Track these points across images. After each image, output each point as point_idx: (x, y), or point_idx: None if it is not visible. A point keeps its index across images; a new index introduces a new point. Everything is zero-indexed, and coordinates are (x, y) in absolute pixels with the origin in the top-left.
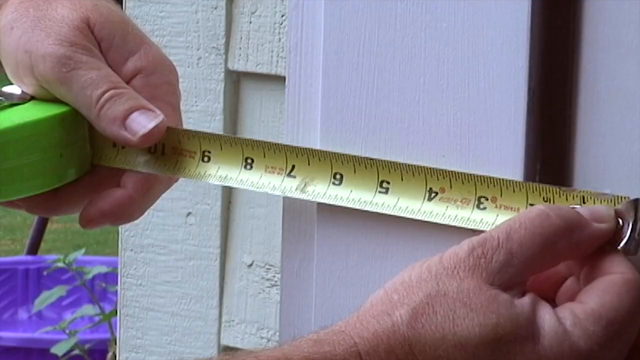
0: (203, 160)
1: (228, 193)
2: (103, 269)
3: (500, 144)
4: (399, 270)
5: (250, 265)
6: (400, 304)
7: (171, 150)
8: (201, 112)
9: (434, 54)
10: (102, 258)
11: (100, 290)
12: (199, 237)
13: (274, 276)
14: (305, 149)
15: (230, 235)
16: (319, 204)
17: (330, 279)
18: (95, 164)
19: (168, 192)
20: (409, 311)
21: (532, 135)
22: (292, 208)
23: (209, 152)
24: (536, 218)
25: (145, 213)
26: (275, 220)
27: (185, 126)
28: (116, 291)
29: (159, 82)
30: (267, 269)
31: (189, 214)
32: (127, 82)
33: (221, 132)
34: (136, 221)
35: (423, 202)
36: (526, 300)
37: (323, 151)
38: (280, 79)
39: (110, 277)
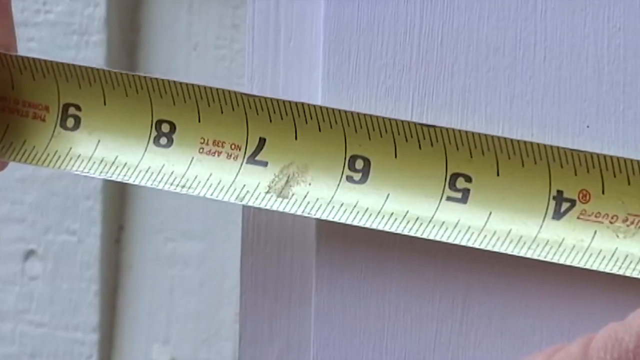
0: (64, 126)
1: (118, 205)
2: None
3: None
4: None
5: None
6: None
7: None
8: (61, 27)
9: None
10: None
11: None
12: (54, 306)
13: None
14: (289, 104)
15: (123, 301)
16: (318, 224)
17: None
18: None
19: None
20: None
21: None
22: (260, 238)
23: (79, 107)
24: None
25: None
26: (223, 265)
27: (28, 53)
28: None
29: None
30: None
31: (30, 253)
32: None
33: (103, 67)
34: None
35: (543, 221)
36: None
37: (326, 109)
38: None
39: None
